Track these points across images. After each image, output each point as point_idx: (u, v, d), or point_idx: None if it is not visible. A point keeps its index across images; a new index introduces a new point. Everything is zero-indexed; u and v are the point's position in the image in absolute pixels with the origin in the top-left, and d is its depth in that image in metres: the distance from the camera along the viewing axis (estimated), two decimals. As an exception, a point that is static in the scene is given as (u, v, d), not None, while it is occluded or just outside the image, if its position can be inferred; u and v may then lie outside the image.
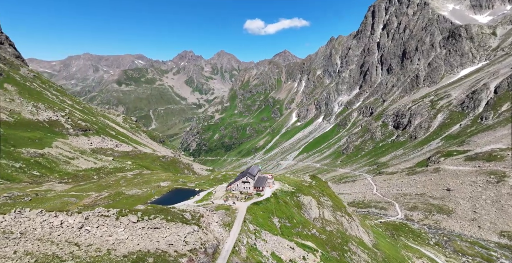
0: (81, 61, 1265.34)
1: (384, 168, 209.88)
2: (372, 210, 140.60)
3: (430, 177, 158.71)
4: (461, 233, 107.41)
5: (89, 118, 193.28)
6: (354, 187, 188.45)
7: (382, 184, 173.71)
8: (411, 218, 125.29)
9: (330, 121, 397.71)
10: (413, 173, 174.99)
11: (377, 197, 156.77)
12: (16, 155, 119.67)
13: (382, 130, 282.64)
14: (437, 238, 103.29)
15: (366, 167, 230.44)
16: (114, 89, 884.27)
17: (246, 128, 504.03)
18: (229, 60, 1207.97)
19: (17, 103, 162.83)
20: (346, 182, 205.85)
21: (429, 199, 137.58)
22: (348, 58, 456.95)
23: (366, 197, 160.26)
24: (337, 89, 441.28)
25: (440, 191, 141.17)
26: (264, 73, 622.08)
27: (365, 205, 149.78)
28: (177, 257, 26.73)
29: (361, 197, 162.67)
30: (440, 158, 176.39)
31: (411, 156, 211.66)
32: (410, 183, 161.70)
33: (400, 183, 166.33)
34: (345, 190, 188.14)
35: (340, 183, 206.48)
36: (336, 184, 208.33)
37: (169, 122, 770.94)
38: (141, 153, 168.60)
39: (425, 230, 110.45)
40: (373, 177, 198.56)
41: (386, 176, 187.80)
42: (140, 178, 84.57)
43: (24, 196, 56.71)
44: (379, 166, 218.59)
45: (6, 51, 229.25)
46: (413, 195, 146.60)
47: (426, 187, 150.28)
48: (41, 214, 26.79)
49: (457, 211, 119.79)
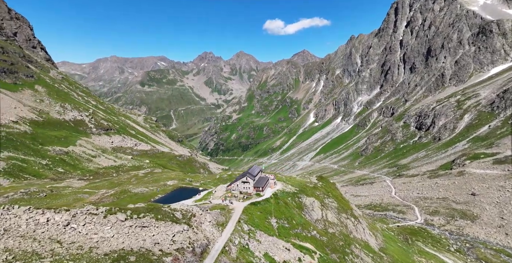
0: (108, 63, 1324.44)
1: (404, 171, 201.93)
2: (390, 214, 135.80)
3: (454, 180, 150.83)
4: (486, 240, 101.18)
5: (111, 118, 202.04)
6: (372, 189, 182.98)
7: (402, 187, 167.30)
8: (431, 223, 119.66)
9: (348, 122, 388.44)
10: (435, 176, 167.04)
11: (395, 200, 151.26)
12: (43, 153, 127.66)
13: (403, 131, 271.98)
14: (459, 245, 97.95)
15: (385, 169, 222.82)
16: (138, 90, 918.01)
17: (263, 128, 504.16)
18: (247, 60, 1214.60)
19: (46, 104, 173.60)
20: (363, 184, 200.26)
21: (452, 204, 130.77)
22: (369, 57, 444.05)
23: (384, 200, 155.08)
24: (357, 88, 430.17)
25: (464, 196, 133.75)
26: (282, 73, 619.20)
27: (383, 208, 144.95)
28: (161, 256, 26.74)
29: (379, 200, 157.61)
30: (465, 161, 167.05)
31: (434, 158, 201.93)
32: (431, 186, 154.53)
33: (420, 186, 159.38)
34: (362, 192, 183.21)
35: (358, 185, 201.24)
36: (353, 186, 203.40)
37: (188, 122, 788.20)
38: (158, 152, 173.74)
39: (446, 236, 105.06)
40: (392, 179, 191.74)
41: (406, 179, 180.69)
42: (150, 177, 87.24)
43: (39, 192, 60.45)
44: (399, 168, 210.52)
45: (38, 55, 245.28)
46: (434, 199, 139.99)
47: (449, 191, 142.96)
48: (29, 211, 27.20)
49: (482, 217, 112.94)
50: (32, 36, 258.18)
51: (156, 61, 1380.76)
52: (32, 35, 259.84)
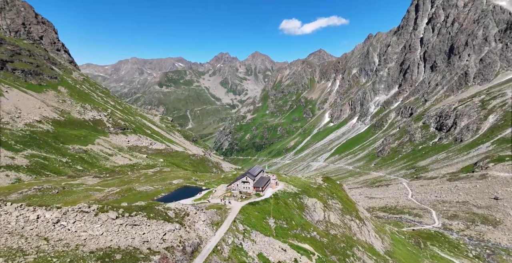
0: (128, 65, 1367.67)
1: (422, 173, 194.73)
2: (405, 217, 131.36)
3: (476, 184, 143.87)
4: (508, 246, 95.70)
5: (128, 117, 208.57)
6: (388, 191, 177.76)
7: (419, 190, 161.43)
8: (449, 227, 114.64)
9: (365, 122, 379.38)
10: (455, 179, 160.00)
11: (412, 203, 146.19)
12: (63, 151, 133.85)
13: (422, 132, 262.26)
14: (478, 251, 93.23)
15: (402, 171, 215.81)
16: (156, 90, 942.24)
17: (277, 129, 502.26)
18: (263, 60, 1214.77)
19: (68, 104, 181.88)
20: (379, 186, 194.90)
21: (473, 208, 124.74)
22: (387, 55, 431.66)
23: (400, 203, 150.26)
24: (374, 88, 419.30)
25: (486, 200, 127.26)
26: (296, 73, 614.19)
27: (398, 211, 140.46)
28: (149, 255, 26.48)
29: (394, 203, 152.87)
30: (489, 163, 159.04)
31: (454, 160, 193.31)
32: (451, 189, 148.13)
33: (439, 189, 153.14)
34: (377, 194, 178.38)
35: (373, 187, 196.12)
36: (368, 187, 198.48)
37: (204, 122, 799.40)
38: (172, 151, 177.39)
39: (465, 241, 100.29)
40: (409, 181, 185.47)
41: (424, 181, 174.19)
42: (159, 175, 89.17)
43: (52, 189, 63.35)
44: (417, 171, 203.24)
45: (61, 57, 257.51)
46: (453, 202, 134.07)
47: (470, 194, 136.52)
48: (20, 208, 27.27)
49: (505, 222, 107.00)
50: (57, 39, 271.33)
51: (174, 62, 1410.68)
52: (57, 38, 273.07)
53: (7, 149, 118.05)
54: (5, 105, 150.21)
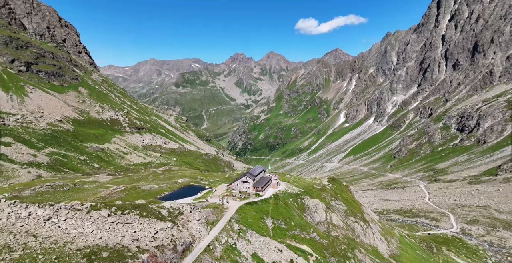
0: (147, 66, 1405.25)
1: (441, 175, 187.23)
2: (421, 220, 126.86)
3: (499, 187, 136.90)
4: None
5: (144, 117, 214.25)
6: (404, 194, 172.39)
7: (437, 193, 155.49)
8: (468, 232, 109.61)
9: (381, 123, 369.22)
10: (476, 182, 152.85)
11: (428, 206, 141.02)
12: (82, 149, 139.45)
13: (442, 133, 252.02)
14: (499, 258, 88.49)
15: (420, 173, 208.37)
16: (173, 91, 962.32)
17: (291, 129, 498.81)
18: (278, 60, 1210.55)
19: (87, 104, 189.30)
20: (395, 188, 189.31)
21: (494, 213, 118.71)
22: (406, 54, 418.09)
23: (416, 206, 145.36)
24: (391, 88, 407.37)
25: (510, 204, 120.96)
26: (311, 73, 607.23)
27: (413, 214, 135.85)
28: (137, 253, 26.26)
29: (410, 206, 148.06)
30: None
31: (476, 163, 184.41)
32: (471, 193, 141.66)
33: (459, 193, 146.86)
34: (392, 196, 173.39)
35: (388, 189, 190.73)
36: (384, 189, 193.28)
37: (219, 122, 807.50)
38: (185, 150, 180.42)
39: (484, 248, 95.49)
40: (427, 184, 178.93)
41: (443, 184, 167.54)
42: (167, 174, 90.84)
43: (63, 186, 66.07)
44: (436, 173, 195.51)
45: (82, 59, 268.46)
46: (473, 207, 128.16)
47: (492, 199, 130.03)
48: (13, 205, 27.57)
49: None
50: (78, 42, 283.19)
51: (190, 63, 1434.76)
52: (79, 41, 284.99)
53: (29, 147, 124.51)
54: (29, 105, 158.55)
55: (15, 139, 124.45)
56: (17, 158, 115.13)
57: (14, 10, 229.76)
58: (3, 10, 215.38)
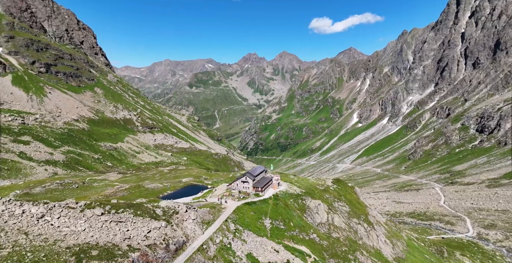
0: (162, 67, 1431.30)
1: (458, 178, 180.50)
2: (435, 224, 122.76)
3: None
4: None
5: (156, 117, 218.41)
6: (418, 196, 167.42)
7: (453, 196, 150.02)
8: (485, 237, 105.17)
9: (396, 123, 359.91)
10: (496, 186, 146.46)
11: (443, 209, 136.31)
12: (96, 148, 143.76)
13: (460, 134, 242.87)
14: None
15: (435, 175, 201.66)
16: (186, 91, 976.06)
17: (303, 129, 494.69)
18: (290, 60, 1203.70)
19: (102, 104, 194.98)
20: (408, 190, 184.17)
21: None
22: (423, 52, 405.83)
23: (430, 209, 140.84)
24: (407, 87, 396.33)
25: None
26: (324, 72, 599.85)
27: (427, 217, 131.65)
28: (127, 252, 26.15)
29: (424, 208, 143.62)
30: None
31: (497, 165, 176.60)
32: (490, 196, 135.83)
33: (476, 196, 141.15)
34: (406, 199, 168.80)
35: (402, 191, 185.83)
36: (397, 191, 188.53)
37: (231, 122, 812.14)
38: (196, 150, 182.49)
39: (502, 253, 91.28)
40: (442, 187, 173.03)
41: (460, 187, 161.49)
42: (173, 173, 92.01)
43: (72, 184, 68.22)
44: (453, 175, 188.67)
45: (99, 60, 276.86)
46: (492, 210, 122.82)
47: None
48: (8, 203, 27.72)
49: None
50: (95, 44, 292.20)
51: (204, 63, 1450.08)
52: (95, 43, 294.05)
53: (47, 145, 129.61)
54: (48, 105, 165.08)
55: (33, 138, 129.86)
56: (35, 156, 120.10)
57: (35, 13, 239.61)
58: (25, 14, 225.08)
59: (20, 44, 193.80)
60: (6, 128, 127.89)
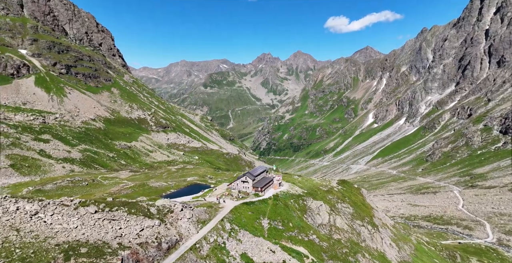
0: (178, 67, 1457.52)
1: (479, 181, 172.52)
2: (452, 228, 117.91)
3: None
4: None
5: (170, 116, 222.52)
6: (435, 199, 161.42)
7: (472, 200, 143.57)
8: (506, 243, 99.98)
9: (413, 123, 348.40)
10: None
11: (462, 213, 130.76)
12: (111, 147, 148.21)
13: (482, 135, 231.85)
14: (541, 275, 79.51)
15: (454, 178, 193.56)
16: (201, 91, 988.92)
17: (316, 129, 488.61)
18: (305, 60, 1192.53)
19: (118, 104, 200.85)
20: (425, 193, 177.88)
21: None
22: (443, 51, 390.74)
23: (447, 213, 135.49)
24: (426, 87, 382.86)
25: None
26: (339, 72, 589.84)
27: (444, 221, 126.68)
28: (117, 250, 26.04)
29: (441, 212, 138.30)
30: None
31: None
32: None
33: (497, 200, 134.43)
34: (422, 202, 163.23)
35: (418, 194, 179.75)
36: (413, 194, 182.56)
37: (244, 122, 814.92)
38: (208, 149, 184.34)
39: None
40: (461, 190, 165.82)
41: (480, 191, 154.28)
42: (180, 172, 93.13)
43: (82, 181, 70.54)
44: (473, 178, 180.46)
45: (116, 61, 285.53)
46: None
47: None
48: (3, 200, 27.84)
49: None
50: (113, 46, 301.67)
51: (218, 64, 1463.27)
52: (113, 45, 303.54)
53: (65, 144, 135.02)
54: (67, 104, 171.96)
55: (53, 136, 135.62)
56: (54, 154, 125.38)
57: (57, 17, 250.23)
58: (48, 17, 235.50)
59: (43, 47, 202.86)
60: (28, 127, 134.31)
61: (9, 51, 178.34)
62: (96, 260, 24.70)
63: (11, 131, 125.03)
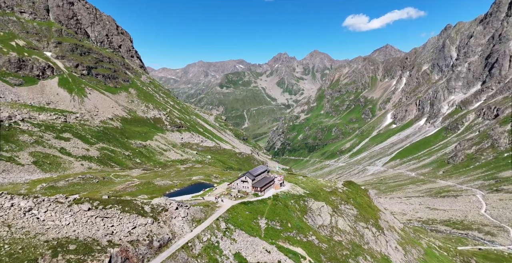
0: (195, 68, 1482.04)
1: (505, 185, 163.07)
2: (473, 234, 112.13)
3: None
4: None
5: (184, 116, 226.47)
6: (455, 203, 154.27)
7: (496, 204, 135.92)
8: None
9: (434, 124, 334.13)
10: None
11: (484, 218, 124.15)
12: (127, 145, 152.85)
13: (510, 137, 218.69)
14: None
15: (478, 182, 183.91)
16: (217, 91, 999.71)
17: (332, 129, 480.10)
18: (321, 59, 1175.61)
19: (135, 104, 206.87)
20: (445, 196, 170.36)
21: None
22: (468, 48, 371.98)
23: (468, 217, 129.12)
24: (449, 86, 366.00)
25: None
26: (356, 71, 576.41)
27: (464, 226, 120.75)
28: (106, 247, 26.01)
29: (461, 217, 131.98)
30: None
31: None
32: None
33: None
34: (441, 205, 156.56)
35: (437, 197, 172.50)
36: (432, 197, 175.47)
37: (259, 122, 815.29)
38: (220, 148, 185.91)
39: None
40: (485, 194, 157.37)
41: (506, 195, 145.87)
42: (188, 171, 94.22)
43: (93, 178, 72.94)
44: (498, 182, 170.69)
45: (134, 62, 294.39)
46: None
47: None
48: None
49: None
50: (131, 47, 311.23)
51: (235, 64, 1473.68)
52: (132, 47, 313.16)
53: (84, 142, 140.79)
54: (87, 104, 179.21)
55: (73, 135, 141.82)
56: (73, 151, 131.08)
57: (80, 20, 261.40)
58: (72, 21, 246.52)
59: (66, 49, 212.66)
60: (51, 126, 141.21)
61: (35, 53, 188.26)
62: (83, 257, 24.74)
63: (35, 129, 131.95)
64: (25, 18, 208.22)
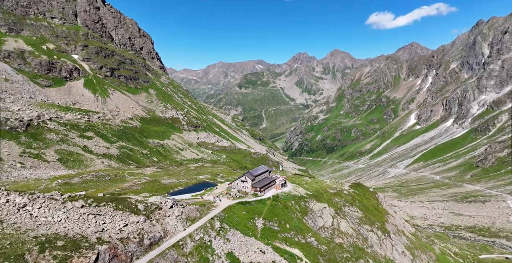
0: (216, 69, 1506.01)
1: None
2: (500, 242, 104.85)
3: None
4: None
5: (201, 116, 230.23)
6: (483, 209, 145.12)
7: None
8: None
9: (463, 125, 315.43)
10: None
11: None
12: (145, 144, 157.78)
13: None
14: None
15: (509, 187, 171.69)
16: (236, 91, 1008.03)
17: (352, 130, 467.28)
18: (342, 58, 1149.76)
19: (154, 104, 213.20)
20: (472, 201, 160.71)
21: None
22: (502, 44, 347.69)
23: (496, 224, 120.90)
24: (479, 85, 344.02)
25: None
26: (378, 70, 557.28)
27: (491, 233, 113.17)
28: (95, 244, 26.12)
29: (488, 223, 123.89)
30: None
31: None
32: None
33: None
34: (467, 211, 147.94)
35: (463, 202, 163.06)
36: (457, 202, 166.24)
37: (277, 122, 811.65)
38: (236, 148, 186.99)
39: None
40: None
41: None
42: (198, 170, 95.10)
43: (106, 176, 75.68)
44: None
45: (154, 64, 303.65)
46: None
47: None
48: None
49: None
50: (152, 49, 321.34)
51: (254, 64, 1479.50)
52: (152, 48, 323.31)
53: (105, 141, 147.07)
54: (109, 104, 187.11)
55: (95, 134, 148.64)
56: (95, 149, 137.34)
57: (105, 24, 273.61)
58: (97, 25, 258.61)
59: (91, 52, 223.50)
60: (75, 125, 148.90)
61: (63, 56, 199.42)
62: (70, 253, 25.01)
63: (61, 128, 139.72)
64: (55, 23, 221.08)
